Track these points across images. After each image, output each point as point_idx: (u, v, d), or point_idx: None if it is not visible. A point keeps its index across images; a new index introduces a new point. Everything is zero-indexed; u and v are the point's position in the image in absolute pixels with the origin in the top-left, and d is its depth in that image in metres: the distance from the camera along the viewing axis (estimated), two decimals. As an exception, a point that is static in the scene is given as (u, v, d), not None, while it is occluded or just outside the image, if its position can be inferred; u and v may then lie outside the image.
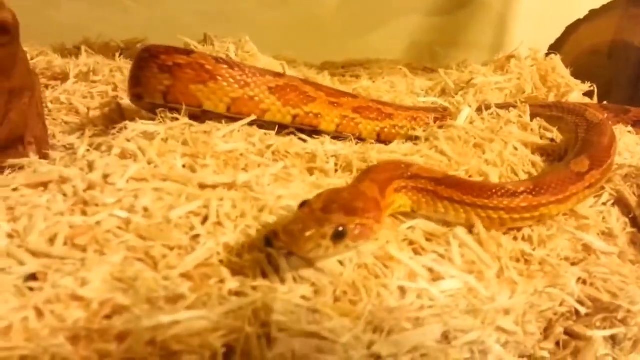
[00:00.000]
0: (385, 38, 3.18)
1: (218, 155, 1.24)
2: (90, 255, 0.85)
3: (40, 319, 0.68)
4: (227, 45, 2.26)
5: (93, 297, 0.73)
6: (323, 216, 0.88)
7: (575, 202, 1.16)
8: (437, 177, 1.10)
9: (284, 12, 2.97)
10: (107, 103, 1.79)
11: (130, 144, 1.21)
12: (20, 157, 1.26)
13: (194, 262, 0.86)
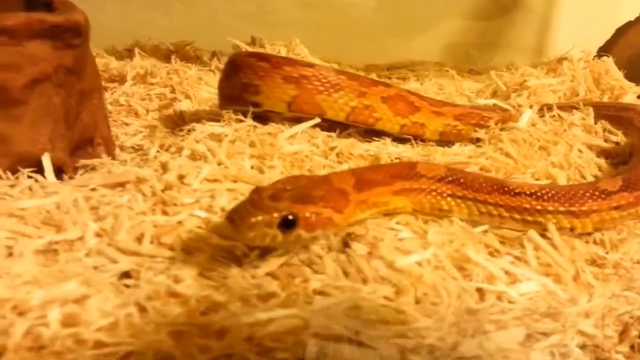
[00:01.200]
0: (425, 40, 3.16)
1: (284, 157, 1.25)
2: (178, 253, 0.87)
3: (142, 315, 0.70)
4: (278, 48, 2.29)
5: (190, 293, 0.75)
6: (271, 203, 0.85)
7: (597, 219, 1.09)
8: (440, 174, 1.07)
9: (322, 14, 2.98)
10: (165, 105, 1.83)
11: (200, 145, 1.24)
12: (89, 157, 1.29)
13: (278, 262, 0.87)
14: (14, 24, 1.06)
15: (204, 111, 1.81)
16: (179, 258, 0.86)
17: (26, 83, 1.09)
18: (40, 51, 1.11)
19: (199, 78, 1.98)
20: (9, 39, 1.07)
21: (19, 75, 1.08)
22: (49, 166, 1.12)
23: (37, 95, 1.12)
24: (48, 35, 1.12)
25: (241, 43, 2.38)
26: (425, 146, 1.43)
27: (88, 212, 0.97)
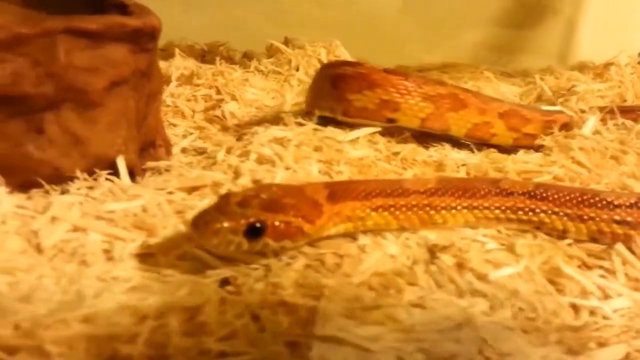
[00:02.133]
0: (451, 43, 3.16)
1: (351, 162, 1.25)
2: (272, 260, 0.87)
3: (256, 324, 0.70)
4: (319, 50, 2.29)
5: (299, 303, 0.75)
6: (237, 209, 0.82)
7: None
8: (431, 188, 1.04)
9: (347, 15, 2.97)
10: (211, 106, 1.82)
11: (266, 149, 1.24)
12: (152, 159, 1.29)
13: (370, 271, 0.87)
14: (96, 27, 1.06)
15: (250, 113, 1.81)
16: (274, 265, 0.86)
17: (105, 86, 1.09)
18: (118, 55, 1.11)
19: (244, 80, 1.98)
20: (90, 41, 1.07)
21: (99, 78, 1.08)
22: (124, 168, 1.12)
23: (115, 98, 1.12)
24: (126, 39, 1.12)
25: (280, 44, 2.38)
26: (487, 152, 1.42)
27: (174, 215, 0.97)
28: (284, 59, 2.25)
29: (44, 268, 0.74)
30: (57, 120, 1.06)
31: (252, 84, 1.97)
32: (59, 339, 0.59)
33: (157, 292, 0.73)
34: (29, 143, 1.05)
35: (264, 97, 1.94)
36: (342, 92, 1.38)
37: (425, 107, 1.37)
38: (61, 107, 1.06)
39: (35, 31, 1.00)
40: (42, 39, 1.01)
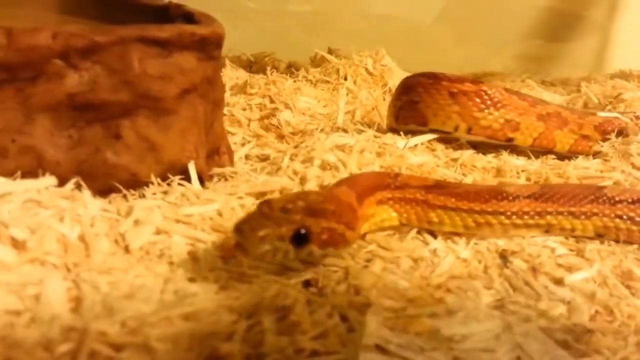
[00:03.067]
0: (488, 52, 3.15)
1: (412, 168, 1.26)
2: (350, 263, 0.88)
3: (344, 324, 0.71)
4: (365, 59, 2.31)
5: (384, 304, 0.76)
6: (282, 215, 0.79)
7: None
8: (427, 184, 1.04)
9: (386, 25, 2.99)
10: (266, 115, 1.86)
11: (330, 155, 1.26)
12: (217, 166, 1.33)
13: (446, 274, 0.88)
14: (167, 36, 1.10)
15: (305, 121, 1.84)
16: (351, 268, 0.87)
17: (177, 94, 1.13)
18: (188, 63, 1.14)
19: (296, 89, 2.01)
20: (162, 50, 1.10)
21: (171, 85, 1.11)
22: (194, 174, 1.15)
23: (186, 106, 1.16)
24: (195, 47, 1.15)
25: (326, 54, 2.41)
26: (545, 158, 1.42)
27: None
28: (332, 69, 2.28)
29: (138, 268, 0.77)
30: (133, 126, 1.10)
31: (303, 93, 1.99)
32: (163, 336, 0.61)
33: (246, 292, 0.75)
34: (107, 149, 1.08)
35: (316, 105, 1.97)
36: (468, 110, 1.40)
37: (538, 126, 1.42)
38: (136, 114, 1.10)
39: (109, 39, 1.04)
40: (117, 47, 1.05)
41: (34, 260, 0.70)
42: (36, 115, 1.02)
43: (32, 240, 0.71)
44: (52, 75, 1.01)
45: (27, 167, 1.00)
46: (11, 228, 0.71)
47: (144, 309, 0.63)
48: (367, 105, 1.86)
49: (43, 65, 1.00)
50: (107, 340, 0.59)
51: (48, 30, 0.99)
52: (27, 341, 0.57)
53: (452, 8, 3.17)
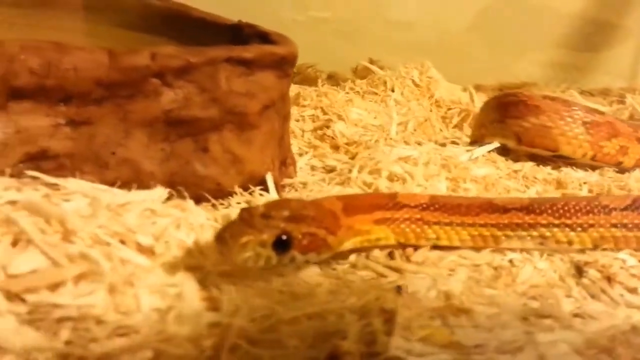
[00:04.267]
0: (522, 62, 3.17)
1: (477, 180, 1.32)
2: (436, 270, 0.94)
3: (446, 327, 0.77)
4: (411, 71, 2.37)
5: (476, 309, 0.82)
6: (263, 222, 0.80)
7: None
8: (422, 202, 1.04)
9: (419, 35, 3.02)
10: (319, 126, 1.92)
11: (397, 167, 1.32)
12: (285, 177, 1.40)
13: (528, 283, 0.93)
14: (252, 56, 1.17)
15: (358, 132, 1.90)
16: (437, 275, 0.93)
17: (259, 109, 1.20)
18: (268, 80, 1.22)
19: (348, 100, 2.07)
20: (246, 69, 1.18)
21: (254, 102, 1.19)
22: (272, 184, 1.22)
23: (265, 121, 1.23)
24: (274, 66, 1.23)
25: (373, 67, 2.47)
26: (602, 171, 1.46)
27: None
28: (378, 80, 2.34)
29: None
30: (219, 140, 1.18)
31: (354, 104, 2.06)
32: (293, 333, 0.67)
33: (349, 295, 0.81)
34: (196, 161, 1.16)
35: (367, 116, 2.02)
36: (598, 139, 1.46)
37: (638, 151, 1.50)
38: (223, 128, 1.18)
39: (201, 60, 1.12)
40: (207, 67, 1.13)
41: (164, 264, 0.77)
42: (134, 130, 1.10)
43: (159, 246, 0.79)
44: (149, 93, 1.09)
45: (125, 177, 1.08)
46: (137, 234, 0.78)
47: (276, 308, 0.70)
48: (418, 117, 1.91)
49: (141, 84, 1.08)
50: (246, 336, 0.66)
51: (147, 52, 1.07)
52: (178, 336, 0.64)
53: (485, 16, 3.19)
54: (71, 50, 1.02)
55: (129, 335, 0.64)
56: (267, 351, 0.65)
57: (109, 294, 0.68)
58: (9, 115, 1.01)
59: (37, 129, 1.02)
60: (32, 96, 1.01)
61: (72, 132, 1.05)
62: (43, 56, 0.99)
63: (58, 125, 1.04)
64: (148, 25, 1.71)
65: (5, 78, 0.97)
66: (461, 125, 2.12)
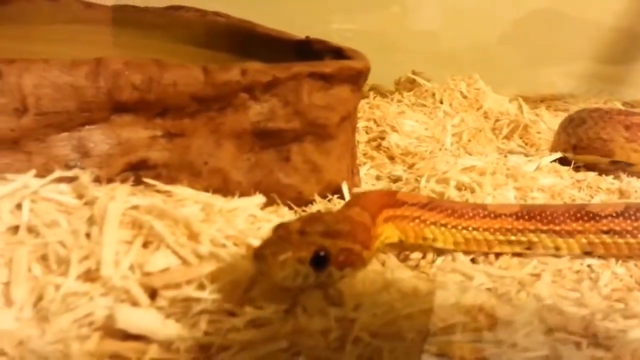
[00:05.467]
0: (556, 73, 3.19)
1: (544, 189, 1.36)
2: (519, 273, 0.99)
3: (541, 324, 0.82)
4: (459, 83, 2.42)
5: (571, 311, 0.86)
6: (301, 238, 0.78)
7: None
8: (422, 201, 1.06)
9: (446, 44, 3.05)
10: (373, 137, 1.98)
11: (465, 177, 1.37)
12: (353, 186, 1.46)
13: (609, 287, 0.98)
14: (331, 71, 1.24)
15: (413, 144, 1.95)
16: (524, 278, 0.98)
17: (337, 121, 1.27)
18: (344, 93, 1.28)
19: (400, 112, 2.13)
20: (325, 83, 1.24)
21: (334, 114, 1.26)
22: (347, 193, 1.29)
23: (342, 132, 1.30)
24: (350, 80, 1.29)
25: (421, 79, 2.53)
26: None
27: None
28: (426, 93, 2.39)
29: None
30: (300, 151, 1.24)
31: (406, 116, 2.11)
32: (410, 328, 0.73)
33: (449, 295, 0.87)
34: (279, 170, 1.23)
35: (419, 128, 2.08)
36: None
37: None
38: (304, 139, 1.24)
39: (287, 75, 1.19)
40: (291, 82, 1.20)
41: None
42: (223, 141, 1.17)
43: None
44: (238, 107, 1.17)
45: (215, 186, 1.15)
46: (248, 238, 0.85)
47: (395, 304, 0.76)
48: (472, 128, 1.96)
49: (231, 98, 1.15)
50: (368, 329, 0.71)
51: (238, 68, 1.15)
52: (308, 328, 0.70)
53: (519, 28, 3.22)
54: (170, 67, 1.09)
55: (264, 326, 0.70)
56: (387, 343, 0.71)
57: (235, 289, 0.75)
58: (112, 128, 1.08)
59: (137, 140, 1.10)
60: (133, 110, 1.09)
61: (168, 143, 1.13)
62: (145, 72, 1.07)
63: (155, 137, 1.12)
64: (211, 41, 1.79)
65: (111, 93, 1.05)
66: (511, 136, 2.16)
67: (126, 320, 0.67)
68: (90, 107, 1.04)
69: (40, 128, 1.01)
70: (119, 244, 0.77)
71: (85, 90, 1.03)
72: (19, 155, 1.01)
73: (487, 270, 0.99)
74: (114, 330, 0.69)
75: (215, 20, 1.87)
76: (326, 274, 0.78)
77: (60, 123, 1.03)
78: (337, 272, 0.80)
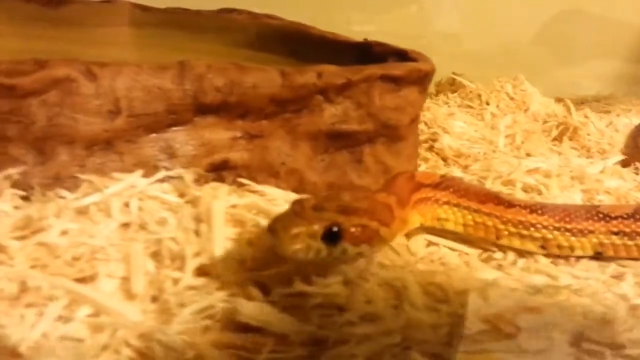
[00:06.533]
0: (589, 74, 3.16)
1: (610, 191, 1.37)
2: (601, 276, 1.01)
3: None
4: (505, 85, 2.42)
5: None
6: (314, 214, 0.79)
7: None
8: (435, 181, 1.06)
9: (481, 44, 3.03)
10: (425, 139, 1.99)
11: (530, 178, 1.38)
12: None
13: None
14: (402, 73, 1.26)
15: (465, 145, 1.96)
16: (608, 280, 0.99)
17: (407, 123, 1.29)
18: (412, 95, 1.30)
19: (449, 114, 2.14)
20: (395, 85, 1.26)
21: (404, 116, 1.28)
22: (416, 194, 1.30)
23: (412, 133, 1.32)
24: (417, 82, 1.31)
25: (465, 81, 2.53)
26: None
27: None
28: (472, 94, 2.40)
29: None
30: (372, 152, 1.26)
31: (456, 118, 2.12)
32: (512, 321, 0.75)
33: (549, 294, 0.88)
34: (352, 172, 1.25)
35: (468, 129, 2.09)
36: None
37: None
38: (376, 141, 1.27)
39: (360, 77, 1.21)
40: (364, 84, 1.22)
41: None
42: (299, 142, 1.20)
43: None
44: (313, 108, 1.19)
45: (292, 186, 1.18)
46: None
47: (503, 302, 0.78)
48: (526, 130, 1.96)
49: (307, 100, 1.18)
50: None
51: (314, 71, 1.17)
52: (421, 323, 0.72)
53: (550, 28, 3.19)
54: (250, 70, 1.12)
55: (375, 321, 0.72)
56: (489, 337, 0.73)
57: (344, 286, 0.77)
58: (196, 129, 1.12)
59: (218, 141, 1.13)
60: (215, 111, 1.12)
61: (247, 144, 1.16)
62: (227, 76, 1.10)
63: (236, 138, 1.15)
64: (264, 43, 1.82)
65: (195, 96, 1.08)
66: (560, 138, 2.16)
67: (247, 313, 0.70)
68: (177, 109, 1.08)
69: (132, 129, 1.05)
70: (226, 240, 0.80)
71: (172, 93, 1.06)
72: (111, 156, 1.05)
73: (571, 272, 1.00)
74: (231, 323, 0.72)
75: (268, 23, 1.90)
76: (339, 249, 0.79)
77: (150, 124, 1.06)
78: (352, 248, 0.80)
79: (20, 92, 0.91)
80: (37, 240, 0.78)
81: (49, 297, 0.71)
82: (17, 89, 0.91)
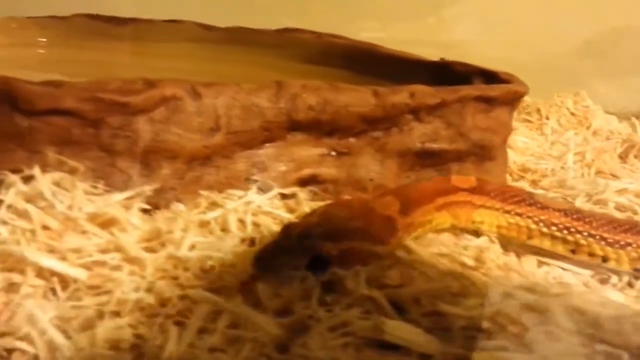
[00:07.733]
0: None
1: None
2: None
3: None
4: (566, 100, 2.37)
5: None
6: (297, 243, 0.78)
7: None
8: (472, 185, 1.05)
9: (526, 56, 2.98)
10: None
11: (623, 198, 1.34)
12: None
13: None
14: (496, 95, 1.23)
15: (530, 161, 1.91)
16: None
17: (499, 143, 1.26)
18: (504, 116, 1.27)
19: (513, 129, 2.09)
20: (487, 106, 1.23)
21: (496, 136, 1.25)
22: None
23: (502, 153, 1.29)
24: (509, 103, 1.28)
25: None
26: None
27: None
28: (530, 108, 2.35)
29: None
30: (460, 170, 1.24)
31: (518, 133, 2.07)
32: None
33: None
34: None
35: (531, 144, 2.04)
36: None
37: None
38: (465, 160, 1.24)
39: (454, 98, 1.19)
40: (456, 105, 1.20)
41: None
42: (387, 160, 1.18)
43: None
44: (403, 127, 1.17)
45: (379, 203, 1.16)
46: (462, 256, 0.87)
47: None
48: (597, 147, 1.91)
49: (397, 119, 1.16)
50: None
51: (406, 90, 1.15)
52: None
53: (596, 39, 3.13)
54: (344, 90, 1.11)
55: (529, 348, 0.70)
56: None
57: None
58: (287, 146, 1.12)
59: (308, 157, 1.13)
60: (305, 129, 1.11)
61: (336, 160, 1.15)
62: (320, 95, 1.09)
63: (324, 155, 1.14)
64: (330, 60, 1.81)
65: (289, 113, 1.08)
66: (625, 156, 2.10)
67: (392, 332, 0.68)
68: (271, 127, 1.08)
69: (229, 145, 1.05)
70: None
71: (268, 111, 1.06)
72: (208, 169, 1.05)
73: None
74: (371, 340, 0.70)
75: (333, 42, 1.88)
76: (328, 274, 0.77)
77: (246, 141, 1.07)
78: (343, 271, 0.78)
79: (131, 109, 0.94)
80: (167, 252, 0.79)
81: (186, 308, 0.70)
82: (129, 106, 0.94)
